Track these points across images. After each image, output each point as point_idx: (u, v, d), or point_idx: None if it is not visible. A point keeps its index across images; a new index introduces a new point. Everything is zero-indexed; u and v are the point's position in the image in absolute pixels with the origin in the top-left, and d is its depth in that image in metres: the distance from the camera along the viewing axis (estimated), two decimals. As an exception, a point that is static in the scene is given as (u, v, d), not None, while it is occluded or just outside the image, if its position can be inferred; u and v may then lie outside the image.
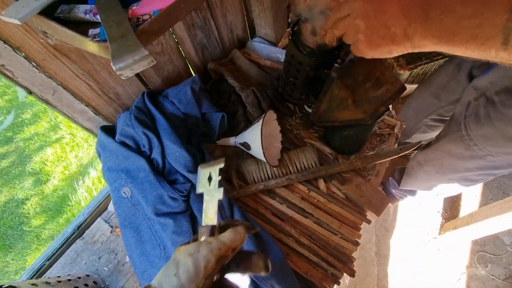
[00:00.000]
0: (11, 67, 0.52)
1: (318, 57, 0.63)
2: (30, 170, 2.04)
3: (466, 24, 0.31)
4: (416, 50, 0.39)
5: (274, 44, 1.08)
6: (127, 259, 0.83)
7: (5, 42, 0.49)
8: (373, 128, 0.80)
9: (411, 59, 2.01)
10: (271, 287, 0.58)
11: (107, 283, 0.79)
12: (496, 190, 1.58)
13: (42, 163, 2.05)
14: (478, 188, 1.60)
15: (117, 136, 0.66)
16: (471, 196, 1.58)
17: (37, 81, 0.57)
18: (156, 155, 0.65)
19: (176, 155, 0.64)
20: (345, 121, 0.68)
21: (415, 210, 1.56)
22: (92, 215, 0.88)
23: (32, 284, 0.61)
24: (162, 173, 0.65)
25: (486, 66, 0.78)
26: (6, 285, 0.56)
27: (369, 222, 0.72)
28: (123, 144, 0.65)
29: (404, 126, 1.28)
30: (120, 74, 0.35)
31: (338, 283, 0.66)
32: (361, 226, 0.72)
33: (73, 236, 0.86)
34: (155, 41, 0.74)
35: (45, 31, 0.47)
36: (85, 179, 1.91)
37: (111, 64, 0.34)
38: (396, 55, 0.41)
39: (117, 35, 0.36)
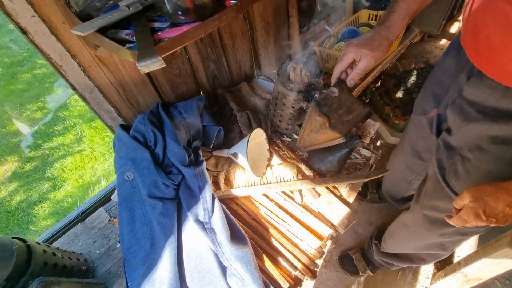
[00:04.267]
0: (66, 68, 0.71)
1: (302, 92, 0.80)
2: (49, 175, 2.22)
3: None
4: None
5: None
6: (118, 245, 0.92)
7: (67, 50, 0.69)
8: (349, 154, 0.91)
9: (406, 111, 2.17)
10: (234, 270, 0.66)
11: (95, 264, 0.88)
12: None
13: (61, 169, 2.24)
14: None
15: (131, 132, 0.82)
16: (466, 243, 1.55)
17: (81, 81, 0.76)
18: (159, 149, 0.80)
19: (175, 151, 0.78)
20: (325, 142, 0.81)
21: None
22: (96, 204, 1.00)
23: (37, 243, 0.72)
24: (161, 165, 0.79)
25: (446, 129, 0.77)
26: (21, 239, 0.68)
27: (336, 232, 0.79)
28: (135, 138, 0.81)
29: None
30: (140, 69, 0.51)
31: (301, 285, 0.72)
32: (328, 237, 0.79)
33: (76, 220, 0.98)
34: (174, 65, 0.94)
35: (96, 44, 0.67)
36: (96, 188, 2.06)
37: (136, 62, 0.51)
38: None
39: (143, 47, 0.54)
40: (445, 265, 1.52)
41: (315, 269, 0.74)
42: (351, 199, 0.87)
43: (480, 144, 0.61)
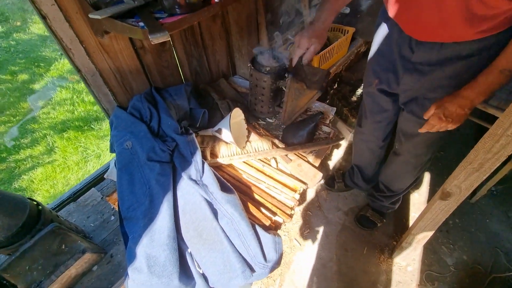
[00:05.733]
0: (74, 52, 0.84)
1: (275, 72, 1.00)
2: (16, 186, 2.14)
3: (488, 89, 0.72)
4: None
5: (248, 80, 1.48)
6: (112, 218, 0.99)
7: (76, 36, 0.82)
8: (315, 128, 1.11)
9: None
10: (225, 211, 0.79)
11: (91, 236, 0.94)
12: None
13: (30, 181, 2.17)
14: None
15: (128, 109, 0.94)
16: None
17: (86, 64, 0.88)
18: (154, 123, 0.93)
19: (168, 124, 0.92)
20: (306, 104, 1.00)
21: (371, 236, 1.75)
22: (88, 185, 1.07)
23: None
24: (156, 136, 0.92)
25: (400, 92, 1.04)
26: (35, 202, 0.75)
27: (306, 186, 0.96)
28: (132, 114, 0.93)
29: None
30: (152, 40, 0.67)
31: (280, 227, 0.87)
32: (298, 190, 0.96)
33: (68, 200, 1.04)
34: (163, 58, 1.10)
35: (105, 30, 0.81)
36: (70, 196, 2.03)
37: (149, 35, 0.67)
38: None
39: (151, 26, 0.70)
40: (401, 237, 1.75)
41: (291, 213, 0.89)
42: (317, 163, 1.06)
43: (438, 83, 0.86)
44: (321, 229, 1.80)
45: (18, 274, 0.62)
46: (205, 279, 0.84)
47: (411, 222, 1.81)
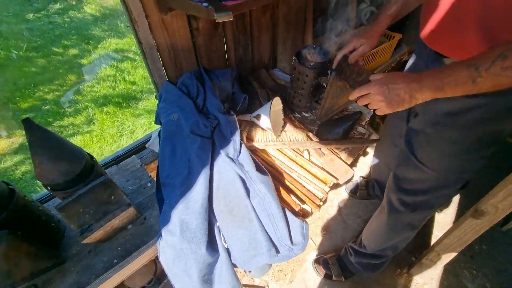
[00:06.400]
0: (140, 24, 0.91)
1: (318, 68, 1.01)
2: (57, 150, 2.31)
3: (448, 80, 0.58)
4: (415, 102, 0.64)
5: (288, 74, 1.51)
6: (148, 184, 1.06)
7: (143, 10, 0.89)
8: (353, 126, 1.12)
9: None
10: (258, 191, 0.82)
11: (129, 197, 1.01)
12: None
13: (69, 146, 2.33)
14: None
15: (178, 84, 1.01)
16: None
17: (147, 38, 0.95)
18: (200, 100, 0.98)
19: (213, 102, 0.97)
20: (345, 103, 0.99)
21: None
22: (130, 152, 1.15)
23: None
24: (201, 112, 0.97)
25: (414, 114, 0.95)
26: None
27: (337, 180, 0.97)
28: (180, 89, 0.99)
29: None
30: (216, 19, 0.71)
31: (307, 215, 0.89)
32: (329, 183, 0.97)
33: (111, 163, 1.12)
34: (213, 42, 1.15)
35: (170, 7, 0.87)
36: (103, 165, 2.16)
37: (215, 14, 0.71)
38: (406, 107, 0.66)
39: (216, 6, 0.74)
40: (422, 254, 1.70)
41: (320, 204, 0.91)
42: (349, 161, 1.07)
43: (438, 120, 0.79)
44: (338, 233, 1.79)
45: (72, 215, 0.69)
46: (229, 254, 0.88)
47: (433, 241, 1.75)
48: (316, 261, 1.59)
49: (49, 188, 0.72)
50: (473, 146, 0.77)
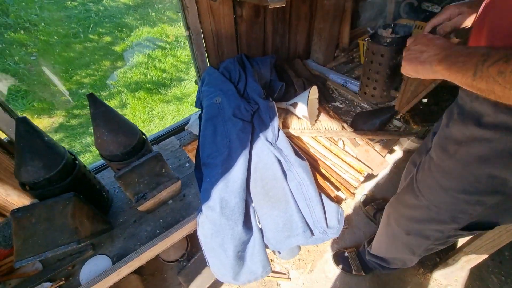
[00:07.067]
0: (190, 10, 0.95)
1: (396, 44, 0.91)
2: (91, 130, 2.45)
3: (459, 60, 0.52)
4: (431, 75, 0.59)
5: (321, 65, 1.51)
6: (187, 164, 1.12)
7: (193, -3, 0.93)
8: (390, 119, 1.10)
9: (424, 120, 2.40)
10: (296, 174, 0.85)
11: (169, 174, 1.08)
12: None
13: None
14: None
15: (220, 69, 1.05)
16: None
17: (195, 23, 0.99)
18: (241, 85, 1.02)
19: (254, 88, 1.00)
20: (428, 87, 0.88)
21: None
22: (169, 133, 1.21)
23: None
24: (242, 96, 1.00)
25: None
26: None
27: (372, 171, 0.98)
28: (223, 74, 1.03)
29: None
30: (269, 4, 0.74)
31: (341, 202, 0.91)
32: (363, 173, 0.98)
33: (152, 142, 1.19)
34: (254, 30, 1.18)
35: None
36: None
37: (269, 1, 0.74)
38: (420, 74, 0.62)
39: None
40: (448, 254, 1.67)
41: (354, 192, 0.93)
42: (384, 153, 1.07)
43: (445, 146, 0.71)
44: (360, 228, 1.79)
45: (129, 183, 0.75)
46: (262, 234, 0.92)
47: (460, 243, 1.71)
48: (336, 255, 1.60)
49: (107, 158, 0.79)
50: (469, 187, 0.68)
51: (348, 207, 1.88)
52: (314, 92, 1.12)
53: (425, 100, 2.31)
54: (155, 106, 2.64)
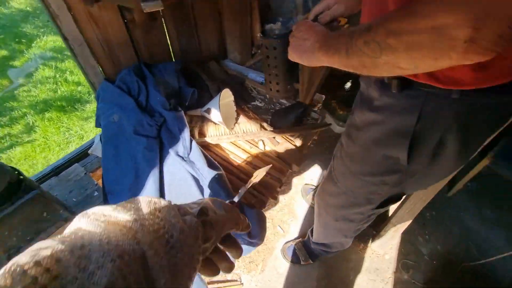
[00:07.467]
0: (62, 18, 0.81)
1: (285, 36, 0.84)
2: (-8, 165, 2.05)
3: (333, 43, 0.53)
4: (315, 62, 0.60)
5: (239, 64, 1.47)
6: (95, 193, 0.97)
7: (64, 2, 0.79)
8: (304, 112, 1.12)
9: (349, 104, 2.56)
10: (211, 187, 0.80)
11: (73, 210, 0.92)
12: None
13: (8, 160, 2.09)
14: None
15: (116, 82, 0.93)
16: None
17: (73, 33, 0.85)
18: (142, 98, 0.91)
19: (157, 99, 0.91)
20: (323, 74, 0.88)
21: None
22: (71, 160, 1.05)
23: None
24: (144, 110, 0.90)
25: None
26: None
27: (292, 169, 0.98)
28: (119, 87, 0.91)
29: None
30: (144, 9, 0.65)
31: (264, 206, 0.88)
32: (286, 172, 0.97)
33: (50, 174, 1.01)
34: (153, 34, 1.08)
35: (95, -2, 0.79)
36: (50, 177, 1.97)
37: (141, 3, 0.65)
38: (305, 61, 0.62)
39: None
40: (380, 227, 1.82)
41: (276, 195, 0.91)
42: (303, 147, 1.08)
43: (350, 132, 0.74)
44: (306, 218, 1.84)
45: (-4, 239, 0.60)
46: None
47: (389, 213, 1.89)
48: (284, 248, 1.62)
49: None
50: (372, 169, 0.71)
51: (292, 199, 1.91)
52: (226, 95, 1.08)
53: (347, 86, 2.46)
54: (72, 126, 2.32)
